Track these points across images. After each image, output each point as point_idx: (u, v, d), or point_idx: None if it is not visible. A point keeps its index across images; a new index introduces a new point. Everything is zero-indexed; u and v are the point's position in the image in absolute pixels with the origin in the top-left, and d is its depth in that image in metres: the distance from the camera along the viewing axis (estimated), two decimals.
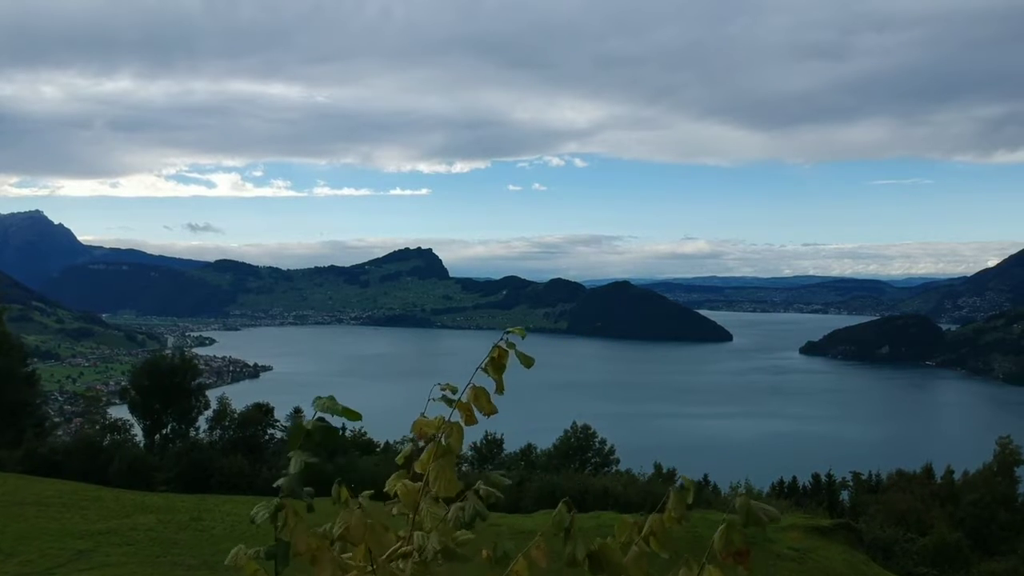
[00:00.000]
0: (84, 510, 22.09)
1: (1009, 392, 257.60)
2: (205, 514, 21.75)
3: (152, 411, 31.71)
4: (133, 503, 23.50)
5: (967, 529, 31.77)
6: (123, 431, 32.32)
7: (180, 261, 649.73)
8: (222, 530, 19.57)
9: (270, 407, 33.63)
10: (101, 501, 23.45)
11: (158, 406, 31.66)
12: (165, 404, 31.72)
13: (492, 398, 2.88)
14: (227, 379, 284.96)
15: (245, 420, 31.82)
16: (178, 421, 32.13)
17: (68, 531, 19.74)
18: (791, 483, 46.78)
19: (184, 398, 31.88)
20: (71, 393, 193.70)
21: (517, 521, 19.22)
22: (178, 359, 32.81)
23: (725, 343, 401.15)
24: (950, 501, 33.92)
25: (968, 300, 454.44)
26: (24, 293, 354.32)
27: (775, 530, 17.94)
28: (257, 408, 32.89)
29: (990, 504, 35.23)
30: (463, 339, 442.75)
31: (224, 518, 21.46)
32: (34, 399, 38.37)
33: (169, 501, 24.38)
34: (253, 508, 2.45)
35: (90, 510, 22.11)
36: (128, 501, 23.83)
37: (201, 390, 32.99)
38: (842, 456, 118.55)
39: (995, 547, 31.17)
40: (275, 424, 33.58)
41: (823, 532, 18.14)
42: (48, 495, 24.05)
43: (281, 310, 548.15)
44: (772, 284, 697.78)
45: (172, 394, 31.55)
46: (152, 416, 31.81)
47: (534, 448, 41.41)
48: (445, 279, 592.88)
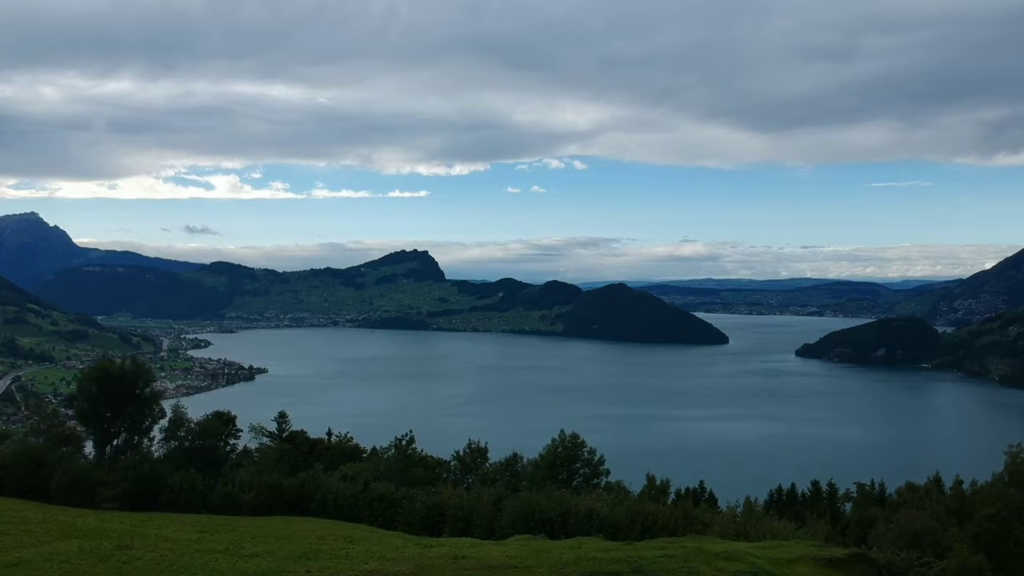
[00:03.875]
0: (2, 535, 19.63)
1: (1005, 394, 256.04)
2: (138, 540, 19.31)
3: (102, 420, 29.29)
4: (61, 527, 21.02)
5: (982, 546, 29.40)
6: (74, 442, 29.85)
7: (177, 263, 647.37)
8: (147, 563, 17.07)
9: (232, 416, 31.18)
10: (26, 524, 20.99)
11: (108, 415, 29.25)
12: (115, 413, 29.29)
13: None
14: (222, 382, 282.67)
15: (204, 431, 29.37)
16: (130, 431, 29.69)
17: None
18: (790, 491, 44.55)
19: (136, 407, 29.45)
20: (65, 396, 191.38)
21: (486, 552, 16.82)
22: (130, 364, 30.39)
23: (721, 345, 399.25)
24: (965, 517, 31.57)
25: (964, 303, 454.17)
26: (19, 295, 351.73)
27: (781, 563, 15.57)
28: (218, 417, 30.45)
29: (1007, 519, 32.78)
30: (458, 341, 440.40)
31: (158, 545, 19.01)
32: None
33: (104, 523, 21.91)
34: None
35: (9, 535, 19.65)
36: (56, 524, 21.35)
37: (156, 398, 30.54)
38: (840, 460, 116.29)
39: (1013, 565, 28.83)
40: (237, 434, 31.14)
41: (836, 565, 15.81)
42: None
43: (277, 312, 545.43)
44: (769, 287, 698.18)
45: (123, 402, 29.12)
46: (102, 426, 29.38)
47: (520, 458, 38.98)
48: (441, 281, 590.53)
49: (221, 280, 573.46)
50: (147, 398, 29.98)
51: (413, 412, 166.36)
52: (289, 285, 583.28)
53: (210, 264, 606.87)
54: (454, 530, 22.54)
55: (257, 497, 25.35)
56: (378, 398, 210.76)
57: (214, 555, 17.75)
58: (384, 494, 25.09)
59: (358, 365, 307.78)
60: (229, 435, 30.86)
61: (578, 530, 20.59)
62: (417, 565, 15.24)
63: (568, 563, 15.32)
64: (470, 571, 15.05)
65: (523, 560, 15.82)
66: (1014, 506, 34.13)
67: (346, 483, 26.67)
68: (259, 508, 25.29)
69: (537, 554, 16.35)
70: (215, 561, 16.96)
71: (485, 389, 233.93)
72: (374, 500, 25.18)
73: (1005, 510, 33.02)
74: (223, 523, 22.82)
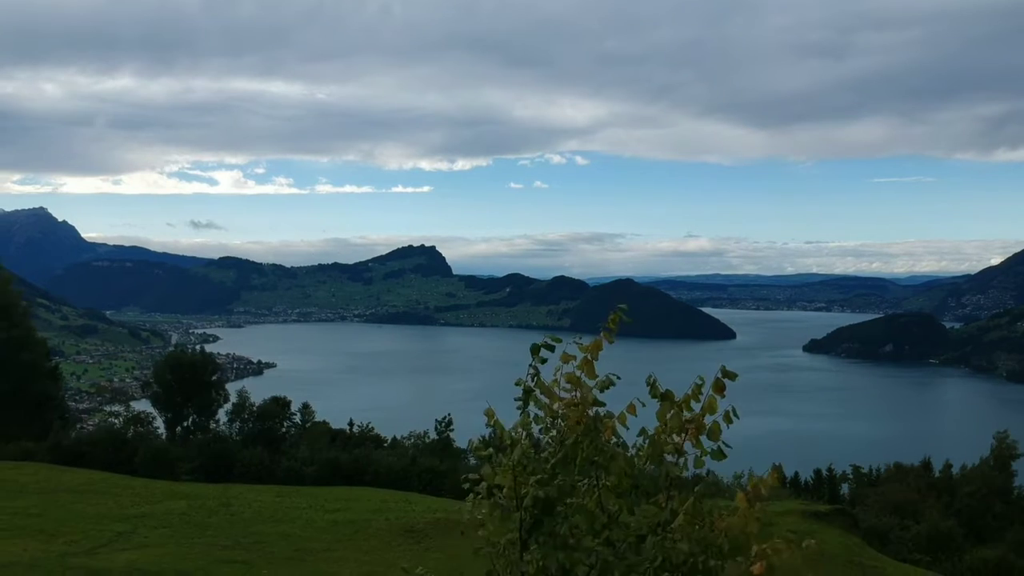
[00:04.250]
0: (117, 496, 23.21)
1: (1012, 390, 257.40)
2: (232, 500, 22.84)
3: (174, 404, 32.84)
4: (162, 491, 24.62)
5: (963, 519, 32.73)
6: (146, 423, 33.42)
7: (184, 258, 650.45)
8: (250, 514, 20.64)
9: (287, 401, 34.73)
10: (132, 489, 24.57)
11: (180, 399, 32.78)
12: (186, 398, 32.85)
13: None
14: (231, 376, 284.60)
15: (263, 413, 32.92)
16: (199, 414, 33.24)
17: (105, 515, 20.85)
18: (793, 478, 47.78)
19: (205, 392, 33.00)
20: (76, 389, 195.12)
21: None
22: (199, 354, 33.95)
23: (729, 341, 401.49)
24: (947, 493, 34.90)
25: (972, 298, 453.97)
26: (28, 290, 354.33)
27: (774, 515, 18.95)
28: (275, 402, 33.99)
29: (986, 496, 36.21)
30: (466, 336, 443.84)
31: (250, 504, 22.55)
32: (58, 393, 39.62)
33: (196, 489, 25.47)
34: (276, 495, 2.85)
35: (123, 496, 23.23)
36: (157, 489, 24.95)
37: (221, 384, 34.10)
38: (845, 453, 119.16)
39: (989, 536, 32.13)
40: (292, 418, 34.66)
41: (820, 517, 19.14)
42: (81, 483, 25.18)
43: (284, 307, 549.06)
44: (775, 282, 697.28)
45: (193, 388, 32.68)
46: (174, 409, 32.94)
47: None
48: (448, 276, 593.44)
49: (229, 275, 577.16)
50: (214, 384, 33.52)
51: (425, 405, 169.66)
52: (297, 280, 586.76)
53: (218, 259, 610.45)
54: None
55: (319, 470, 28.89)
56: (389, 392, 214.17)
57: (301, 510, 21.27)
58: (431, 467, 28.61)
59: (367, 360, 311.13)
60: (284, 418, 34.42)
61: None
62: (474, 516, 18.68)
63: None
64: None
65: None
66: (994, 484, 37.59)
67: (395, 458, 30.17)
68: (320, 480, 28.78)
69: None
70: (305, 513, 20.46)
71: (495, 383, 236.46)
72: (422, 472, 28.70)
73: (985, 487, 36.48)
74: (294, 491, 26.35)
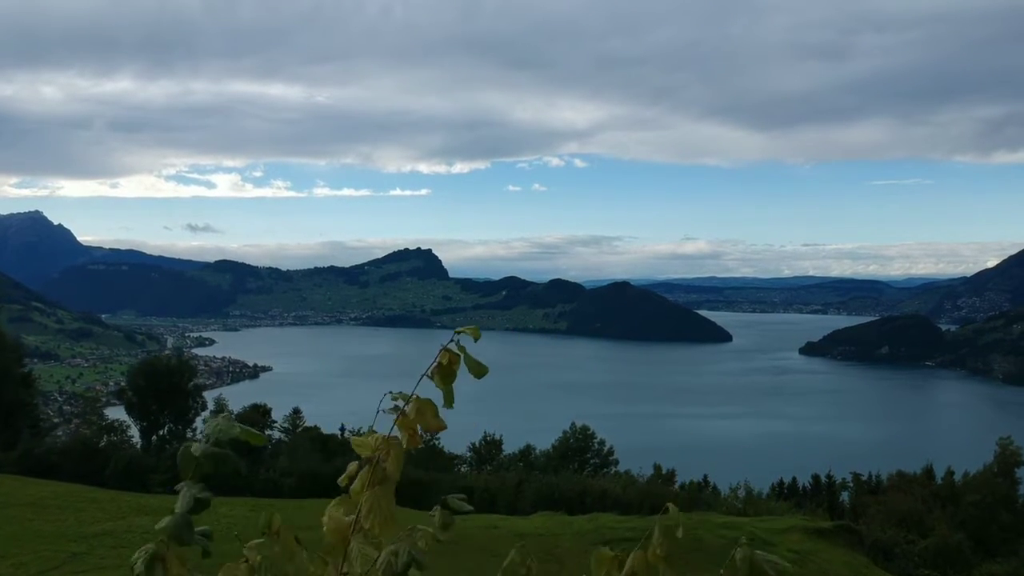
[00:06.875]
0: (80, 512, 21.95)
1: (1009, 392, 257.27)
2: (202, 515, 21.61)
3: (149, 412, 31.60)
4: (129, 505, 23.37)
5: (968, 530, 31.57)
6: (120, 432, 32.18)
7: (180, 262, 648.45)
8: (217, 531, 19.37)
9: (267, 408, 33.52)
10: (97, 503, 23.32)
11: (155, 407, 31.55)
12: (162, 405, 31.60)
13: (441, 412, 2.21)
14: (227, 380, 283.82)
15: (243, 421, 31.26)
16: (175, 422, 32.00)
17: (62, 533, 19.60)
18: (791, 484, 46.64)
19: (181, 399, 31.76)
20: (70, 393, 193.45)
21: (515, 524, 19.11)
22: (175, 360, 32.70)
23: (725, 343, 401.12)
24: (951, 502, 33.75)
25: (968, 300, 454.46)
26: (24, 294, 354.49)
27: (775, 532, 17.81)
28: (255, 409, 32.78)
29: (991, 505, 35.03)
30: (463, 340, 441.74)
31: (220, 520, 21.31)
32: (31, 399, 38.22)
33: (166, 503, 24.21)
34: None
35: (86, 512, 21.97)
36: (124, 503, 23.70)
37: (198, 391, 32.87)
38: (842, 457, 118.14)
39: (996, 548, 30.99)
40: (273, 425, 33.46)
41: (823, 534, 18.01)
42: (43, 496, 23.91)
43: (281, 311, 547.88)
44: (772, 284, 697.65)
45: (169, 395, 31.43)
46: (149, 417, 31.70)
47: (533, 449, 41.29)
48: (445, 279, 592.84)
49: (225, 278, 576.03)
50: (190, 391, 32.31)
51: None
52: (293, 283, 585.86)
53: (214, 262, 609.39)
54: (480, 509, 24.89)
55: (297, 482, 27.69)
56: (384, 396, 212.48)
57: None
58: (415, 479, 27.43)
59: (364, 363, 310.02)
60: (265, 426, 33.19)
61: (594, 508, 22.85)
62: (458, 533, 17.47)
63: (588, 532, 17.58)
64: (504, 537, 17.30)
65: (549, 530, 18.07)
66: (999, 493, 36.39)
67: None
68: (298, 492, 27.59)
69: (561, 525, 18.63)
70: None
71: (492, 386, 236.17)
72: (406, 484, 27.35)
73: (991, 496, 35.28)
74: (268, 504, 25.12)
